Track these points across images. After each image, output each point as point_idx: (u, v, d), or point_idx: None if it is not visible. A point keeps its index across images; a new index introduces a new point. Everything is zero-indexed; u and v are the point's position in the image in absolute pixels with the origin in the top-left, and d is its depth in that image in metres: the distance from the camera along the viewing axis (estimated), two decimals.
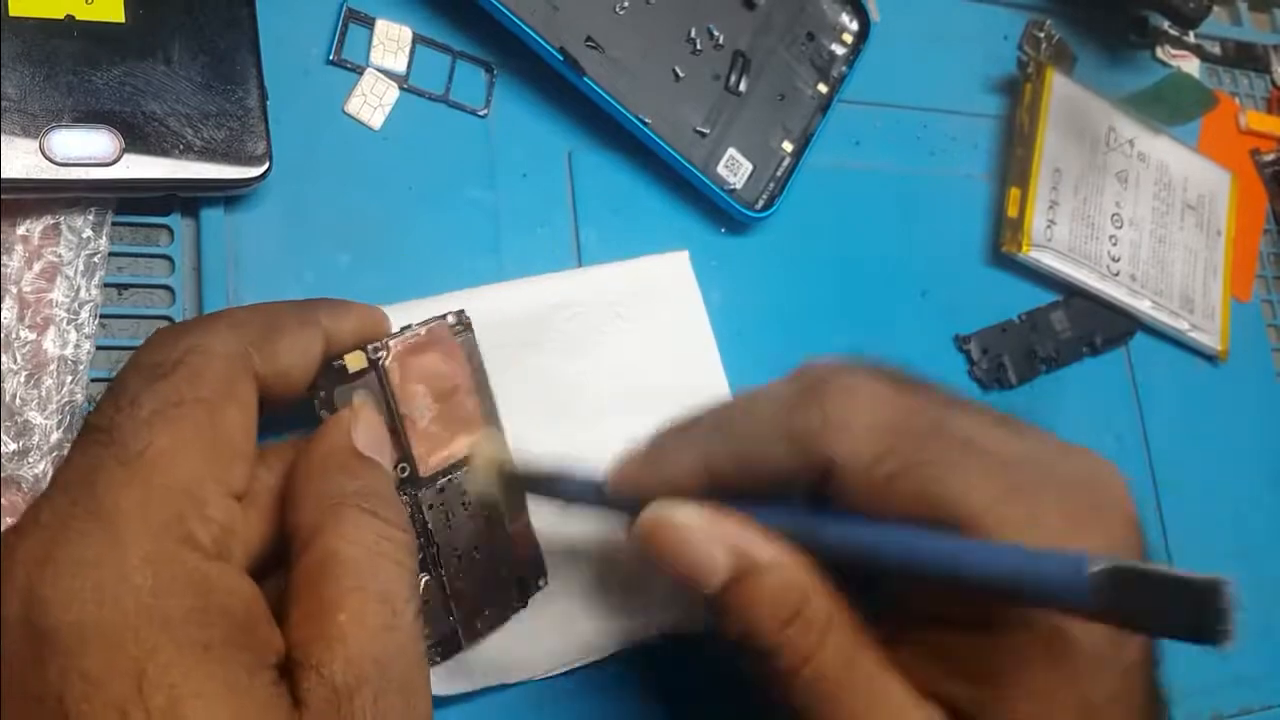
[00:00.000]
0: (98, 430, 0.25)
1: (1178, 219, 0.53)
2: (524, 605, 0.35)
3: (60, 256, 0.33)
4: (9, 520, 0.31)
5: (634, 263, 0.40)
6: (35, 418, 0.32)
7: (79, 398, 0.33)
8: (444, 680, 0.33)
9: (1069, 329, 0.49)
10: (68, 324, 0.33)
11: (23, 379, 0.32)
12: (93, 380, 0.33)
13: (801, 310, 0.44)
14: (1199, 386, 0.53)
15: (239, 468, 0.26)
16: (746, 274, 0.43)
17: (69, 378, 0.33)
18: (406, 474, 0.32)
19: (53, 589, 0.23)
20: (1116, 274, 0.50)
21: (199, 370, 0.26)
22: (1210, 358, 0.53)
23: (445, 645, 0.33)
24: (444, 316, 0.33)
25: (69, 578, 0.23)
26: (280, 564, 0.27)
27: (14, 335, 0.32)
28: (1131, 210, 0.52)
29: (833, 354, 0.43)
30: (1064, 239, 0.49)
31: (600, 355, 0.38)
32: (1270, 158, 0.59)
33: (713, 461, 0.29)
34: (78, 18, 0.33)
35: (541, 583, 0.36)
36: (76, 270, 0.33)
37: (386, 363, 0.31)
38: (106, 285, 0.34)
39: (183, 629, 0.23)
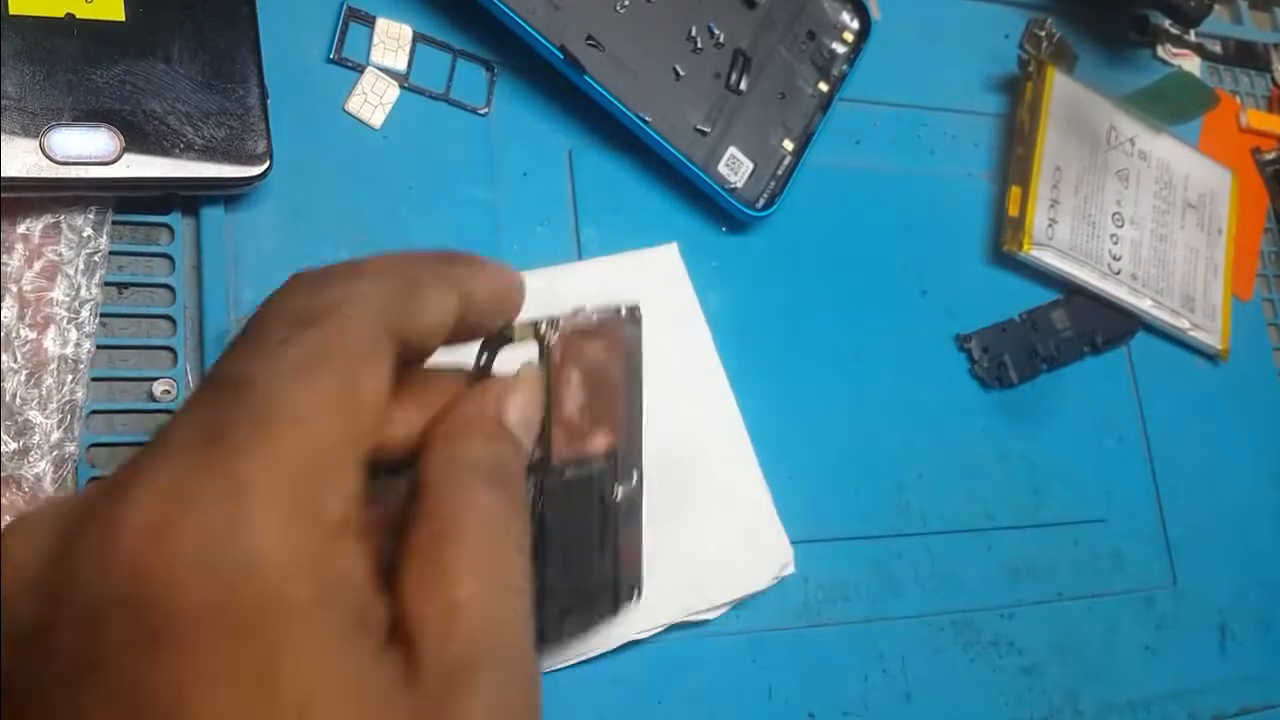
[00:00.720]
0: (232, 380, 0.21)
1: (1179, 218, 0.53)
2: (614, 615, 0.34)
3: (60, 255, 0.33)
4: (8, 521, 0.31)
5: (625, 256, 0.41)
6: (35, 417, 0.32)
7: (79, 397, 0.33)
8: None
9: (1070, 328, 0.49)
10: (68, 323, 0.33)
11: (23, 378, 0.32)
12: (93, 380, 0.33)
13: (801, 309, 0.44)
14: (1200, 386, 0.53)
15: (372, 434, 0.23)
16: (747, 273, 0.43)
17: (69, 376, 0.33)
18: (538, 458, 0.31)
19: (169, 566, 0.19)
20: (1117, 273, 0.50)
21: (346, 324, 0.23)
22: (1211, 357, 0.53)
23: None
24: (619, 308, 0.32)
25: (191, 553, 0.19)
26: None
27: (14, 334, 0.32)
28: (1132, 209, 0.52)
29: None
30: (1065, 238, 0.49)
31: None
32: (1271, 156, 0.59)
33: None
34: (78, 16, 0.33)
35: (636, 596, 0.35)
36: (77, 269, 0.33)
37: (553, 341, 0.31)
38: (107, 284, 0.34)
39: (314, 617, 0.20)
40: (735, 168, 0.43)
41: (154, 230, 0.36)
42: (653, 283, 0.41)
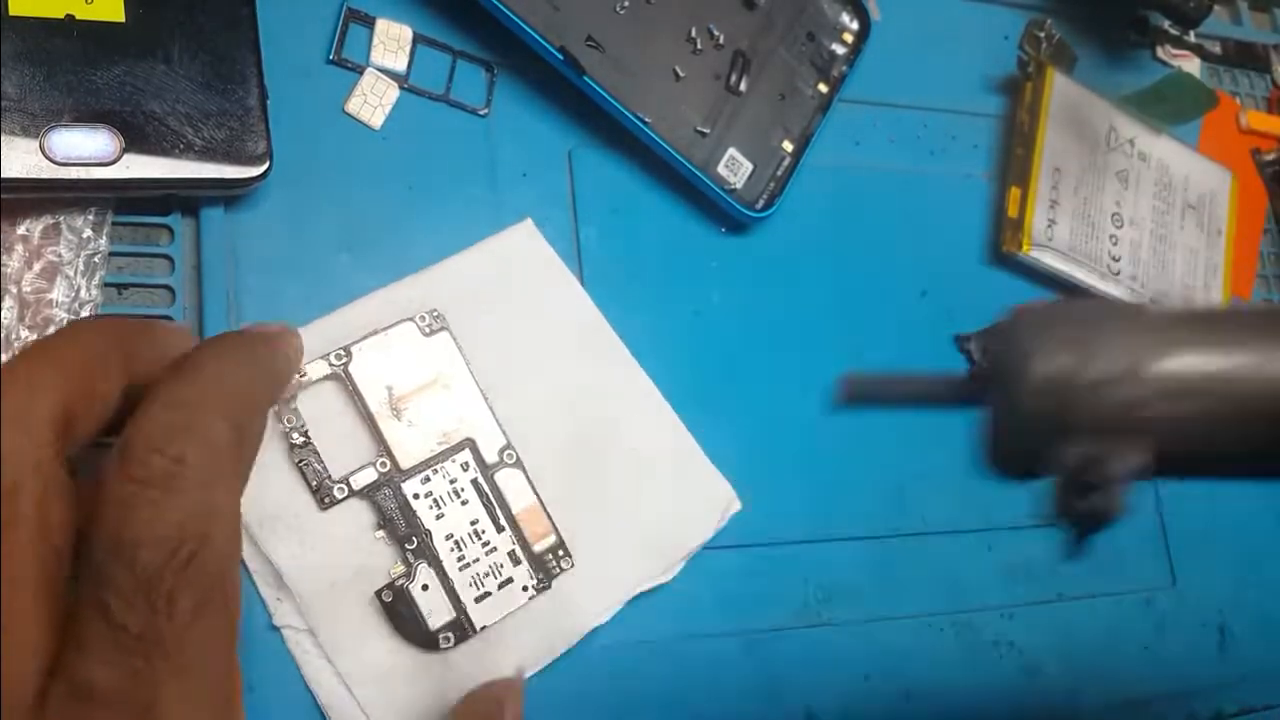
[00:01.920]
0: (138, 638, 0.22)
1: (1178, 218, 0.53)
2: (548, 586, 0.36)
3: (60, 256, 0.33)
4: None
5: (482, 245, 0.39)
6: None
7: None
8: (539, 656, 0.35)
9: None
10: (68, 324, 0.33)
11: None
12: None
13: (801, 310, 0.44)
14: None
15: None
16: (746, 273, 0.43)
17: None
18: (388, 468, 0.35)
19: None
20: (1117, 273, 0.50)
21: (221, 536, 0.23)
22: None
23: (456, 630, 0.34)
24: (413, 318, 0.36)
25: None
26: None
27: (14, 335, 0.32)
28: (1132, 210, 0.52)
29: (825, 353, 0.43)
30: (1064, 238, 0.49)
31: (487, 339, 0.38)
32: (1271, 157, 0.59)
33: None
34: (78, 17, 0.33)
35: (566, 563, 0.37)
36: (76, 270, 0.33)
37: (349, 366, 0.34)
38: (106, 285, 0.34)
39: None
40: (735, 168, 0.43)
41: (154, 231, 0.36)
42: (519, 263, 0.39)
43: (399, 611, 0.34)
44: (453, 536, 0.35)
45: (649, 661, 0.38)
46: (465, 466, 0.36)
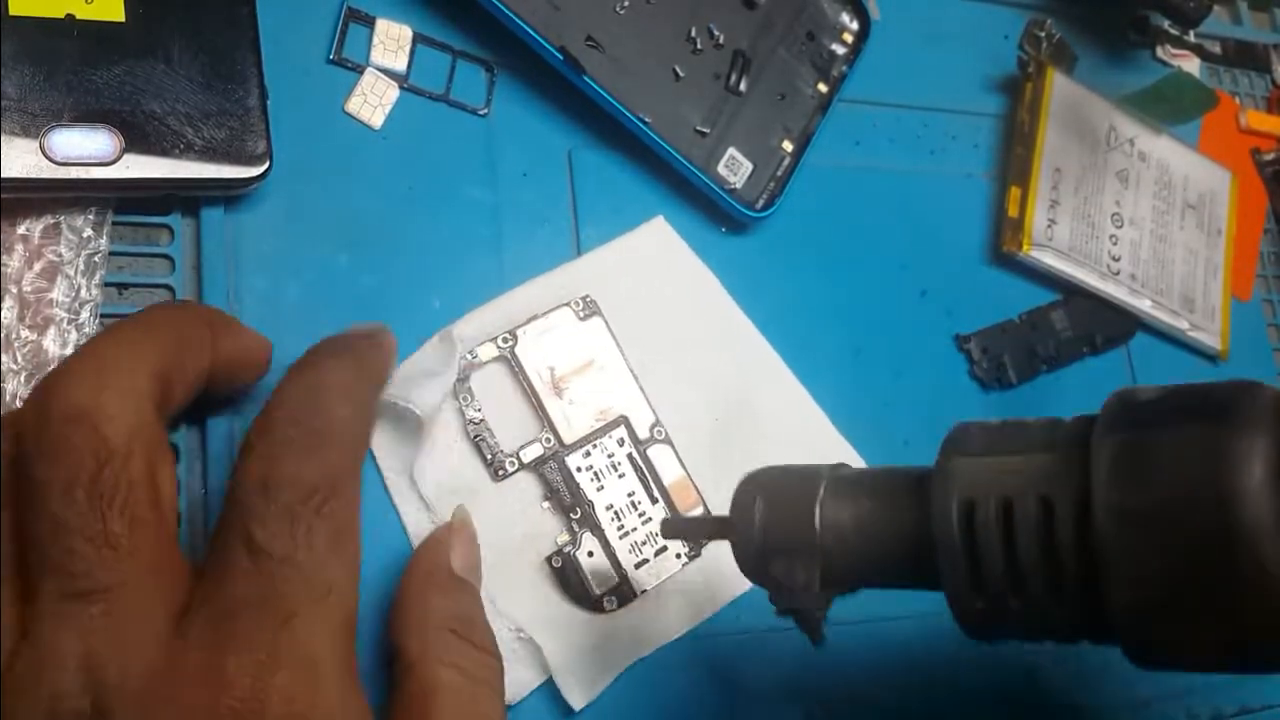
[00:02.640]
0: (281, 561, 0.26)
1: (1178, 218, 0.53)
2: (698, 554, 0.39)
3: (60, 256, 0.33)
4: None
5: (617, 241, 0.41)
6: None
7: None
8: (590, 684, 0.36)
9: (1069, 328, 0.49)
10: (68, 324, 0.33)
11: (23, 379, 0.32)
12: None
13: (801, 310, 0.44)
14: None
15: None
16: (746, 274, 0.43)
17: None
18: (552, 443, 0.37)
19: None
20: (1117, 273, 0.50)
21: (348, 493, 0.28)
22: (1211, 357, 0.53)
23: (618, 594, 0.37)
24: (569, 303, 0.39)
25: None
26: None
27: (14, 335, 0.32)
28: (1132, 210, 0.52)
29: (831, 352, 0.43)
30: (1064, 238, 0.49)
31: (634, 324, 0.40)
32: (1271, 157, 0.59)
33: None
34: (78, 17, 0.33)
35: (722, 528, 0.37)
36: (77, 270, 0.33)
37: (515, 349, 0.37)
38: (107, 284, 0.34)
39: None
40: (735, 168, 0.43)
41: (154, 231, 0.36)
42: (656, 254, 0.42)
43: (567, 577, 0.37)
44: (612, 507, 0.38)
45: (648, 660, 0.38)
46: (621, 442, 0.38)
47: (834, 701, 0.40)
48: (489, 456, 0.37)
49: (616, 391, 0.39)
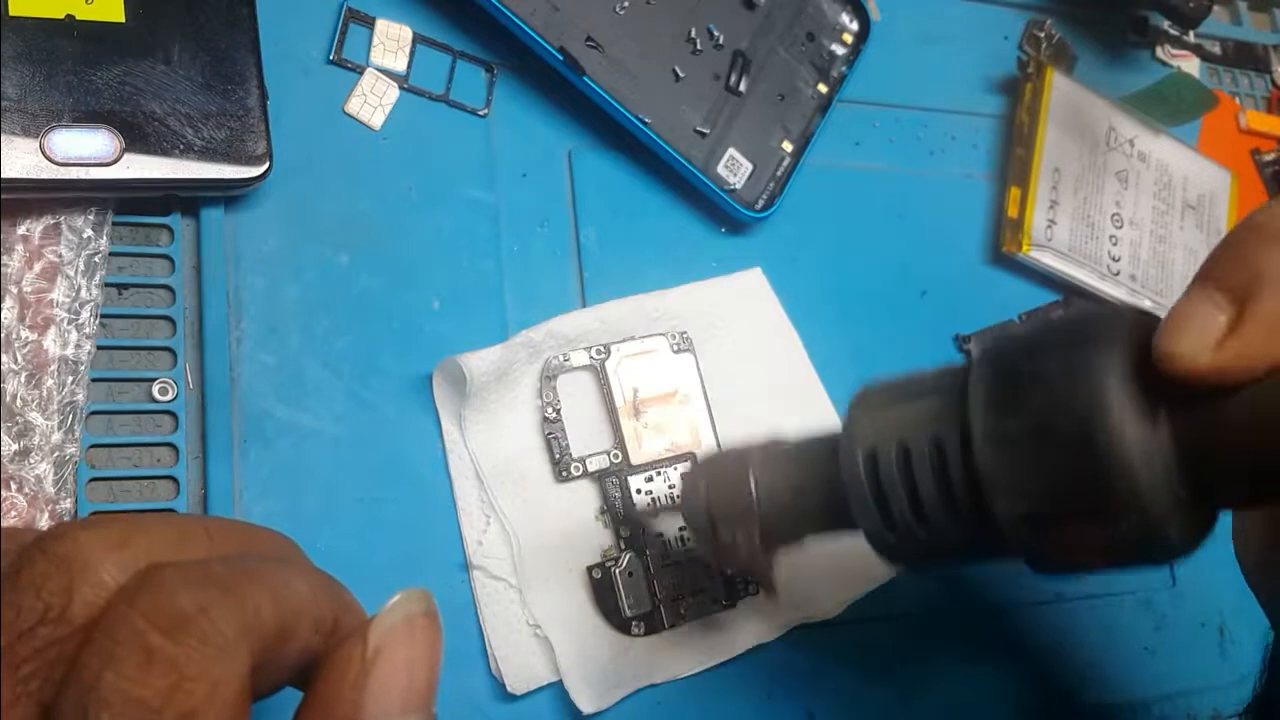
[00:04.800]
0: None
1: (1178, 219, 0.53)
2: (732, 606, 0.39)
3: (60, 256, 0.33)
4: (9, 522, 0.31)
5: (713, 281, 0.42)
6: (36, 418, 0.32)
7: (80, 398, 0.33)
8: (599, 695, 0.36)
9: None
10: (68, 324, 0.33)
11: (23, 379, 0.32)
12: (93, 380, 0.33)
13: (801, 310, 0.44)
14: None
15: None
16: None
17: (70, 378, 0.33)
18: (619, 460, 0.38)
19: None
20: (1117, 274, 0.50)
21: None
22: None
23: (648, 621, 0.37)
24: (666, 334, 0.40)
25: None
26: None
27: (14, 335, 0.32)
28: (1132, 210, 0.52)
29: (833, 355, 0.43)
30: (1064, 239, 0.49)
31: (720, 368, 0.41)
32: (1270, 157, 0.59)
33: None
34: (78, 17, 0.33)
35: (753, 589, 0.39)
36: (77, 270, 0.33)
37: (606, 362, 0.39)
38: (107, 285, 0.34)
39: None
40: (734, 169, 0.43)
41: (154, 231, 0.36)
42: (750, 306, 0.42)
43: (604, 591, 0.37)
44: (662, 536, 0.38)
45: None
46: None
47: (834, 702, 0.40)
48: (557, 456, 0.37)
49: (691, 427, 0.40)
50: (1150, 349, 0.24)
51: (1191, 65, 0.58)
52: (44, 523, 0.31)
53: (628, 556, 0.37)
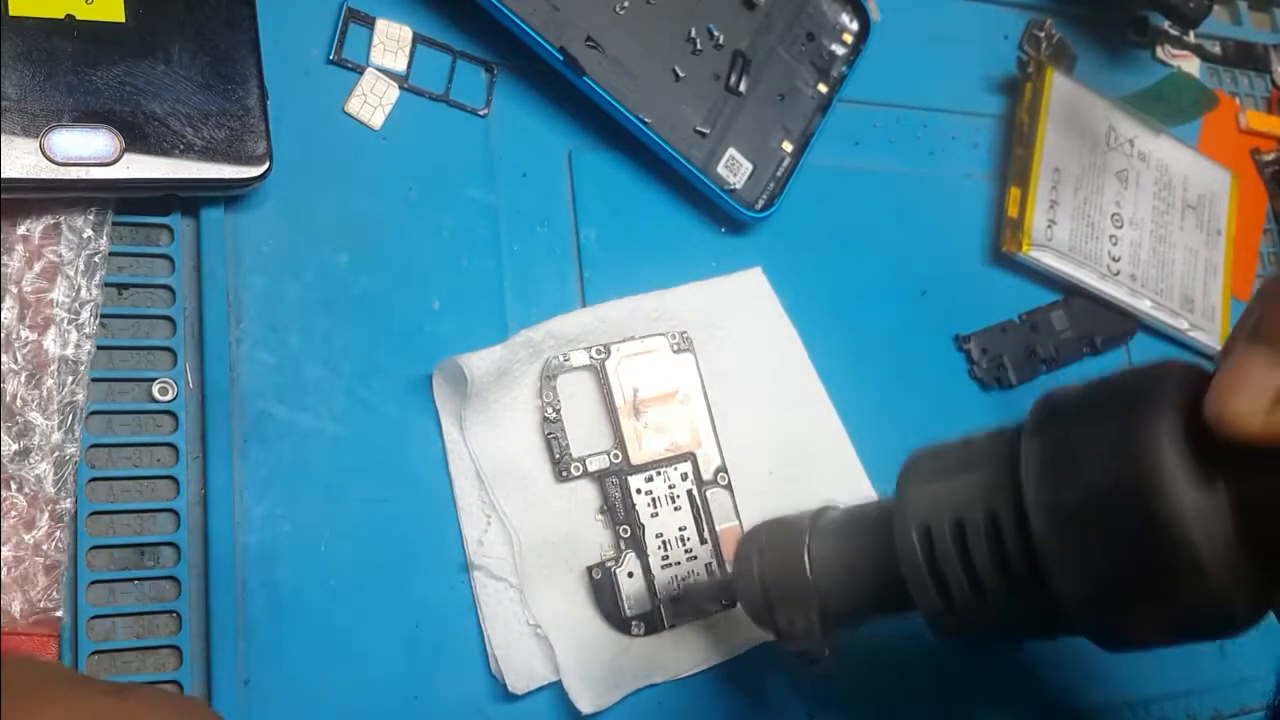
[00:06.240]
0: None
1: (1178, 218, 0.53)
2: (732, 605, 0.38)
3: (61, 256, 0.33)
4: (9, 522, 0.31)
5: (712, 281, 0.42)
6: (36, 418, 0.32)
7: (80, 398, 0.33)
8: (598, 694, 0.36)
9: (1069, 329, 0.49)
10: (68, 324, 0.33)
11: (23, 379, 0.32)
12: (93, 380, 0.33)
13: (801, 310, 0.44)
14: None
15: None
16: None
17: (70, 378, 0.33)
18: (619, 460, 0.38)
19: None
20: (1117, 274, 0.50)
21: None
22: (1210, 357, 0.53)
23: (647, 621, 0.37)
24: (666, 334, 0.40)
25: None
26: None
27: (14, 335, 0.32)
28: (1132, 210, 0.52)
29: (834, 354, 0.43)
30: (1064, 239, 0.49)
31: (720, 369, 0.41)
32: (1270, 157, 0.59)
33: None
34: (78, 17, 0.33)
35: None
36: (77, 270, 0.33)
37: (606, 362, 0.39)
38: (107, 285, 0.34)
39: None
40: (734, 169, 0.43)
41: (154, 231, 0.36)
42: (750, 306, 0.42)
43: (603, 591, 0.37)
44: (661, 536, 0.38)
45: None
46: (684, 476, 0.39)
47: (834, 702, 0.40)
48: (557, 455, 0.38)
49: (691, 428, 0.40)
50: (1201, 407, 0.23)
51: (1191, 65, 0.58)
52: (44, 522, 0.31)
53: (628, 556, 0.37)
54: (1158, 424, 0.23)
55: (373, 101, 0.39)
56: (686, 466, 0.39)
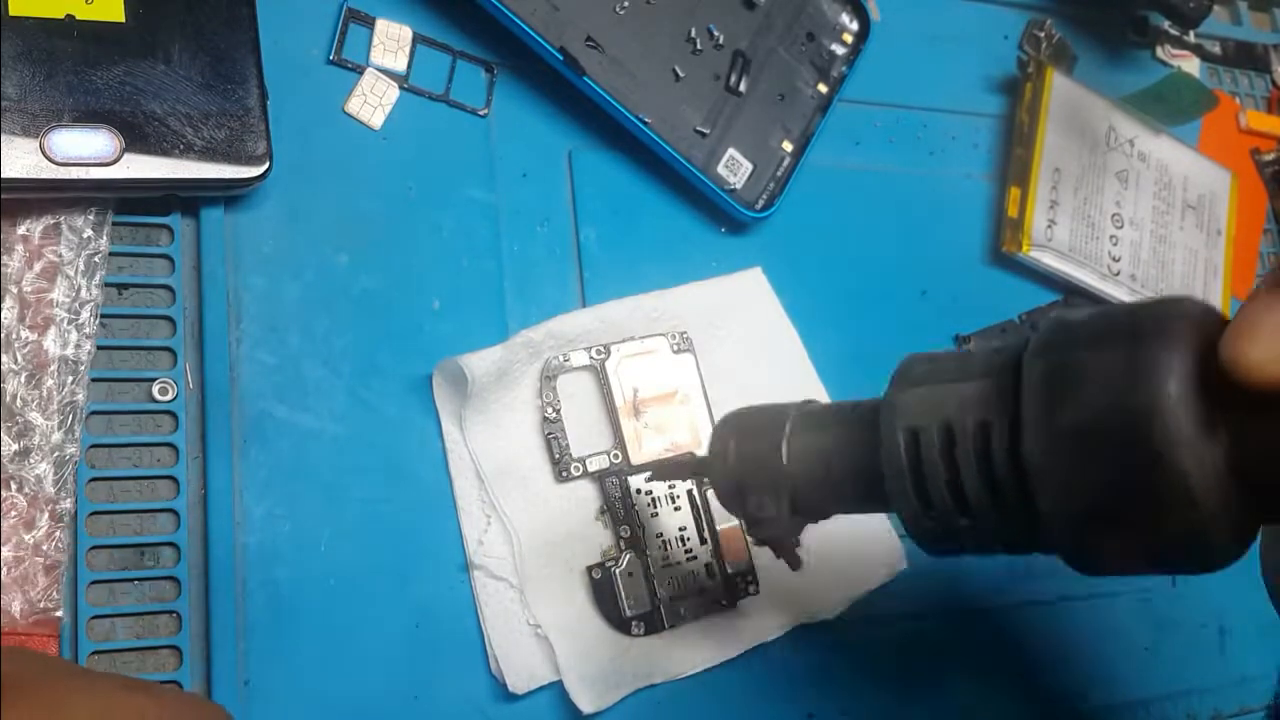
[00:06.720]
0: None
1: (1178, 219, 0.53)
2: (732, 606, 0.39)
3: (61, 256, 0.33)
4: (9, 522, 0.31)
5: (712, 281, 0.42)
6: (36, 418, 0.32)
7: (80, 398, 0.33)
8: (598, 694, 0.36)
9: None
10: (68, 324, 0.33)
11: (23, 379, 0.32)
12: (93, 380, 0.33)
13: (801, 310, 0.44)
14: None
15: None
16: None
17: (70, 378, 0.33)
18: (619, 460, 0.38)
19: None
20: (1117, 274, 0.50)
21: None
22: None
23: (648, 621, 0.37)
24: (666, 334, 0.40)
25: None
26: None
27: (14, 335, 0.32)
28: (1132, 210, 0.52)
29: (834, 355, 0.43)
30: (1064, 239, 0.49)
31: (720, 368, 0.41)
32: (1270, 157, 0.59)
33: None
34: (78, 17, 0.33)
35: (753, 589, 0.39)
36: (77, 270, 0.33)
37: (606, 362, 0.39)
38: (107, 285, 0.34)
39: None
40: (734, 169, 0.43)
41: (154, 231, 0.36)
42: (750, 305, 0.42)
43: (603, 591, 0.37)
44: (661, 536, 0.38)
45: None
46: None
47: (834, 702, 0.40)
48: (557, 455, 0.38)
49: (691, 428, 0.40)
50: (1213, 350, 0.23)
51: (1191, 65, 0.58)
52: (44, 522, 0.31)
53: (628, 556, 0.37)
54: (1169, 357, 0.23)
55: (373, 101, 0.39)
56: (688, 457, 0.39)
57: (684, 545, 0.38)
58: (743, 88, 0.43)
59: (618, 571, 0.37)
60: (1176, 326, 0.24)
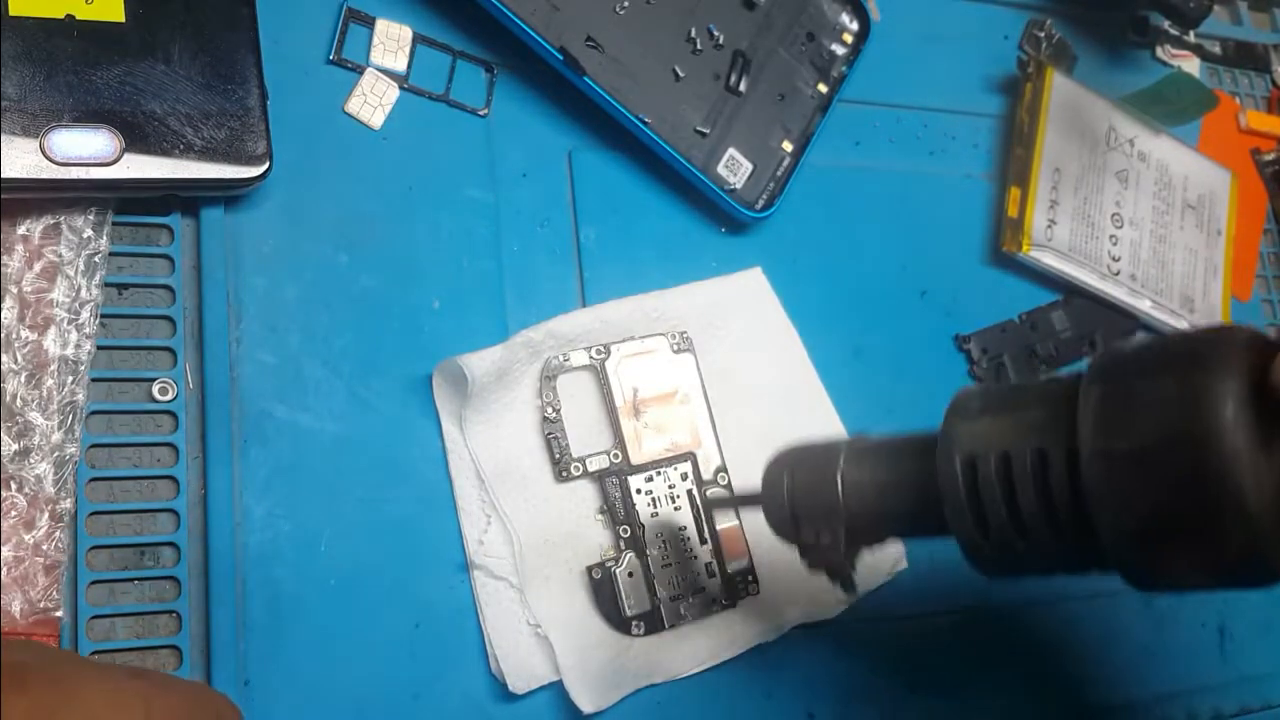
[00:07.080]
0: None
1: (1178, 218, 0.53)
2: (732, 605, 0.39)
3: (61, 256, 0.33)
4: (9, 522, 0.31)
5: (712, 281, 0.42)
6: (36, 418, 0.32)
7: (80, 398, 0.33)
8: (599, 694, 0.36)
9: (1069, 328, 0.49)
10: (68, 324, 0.33)
11: (23, 379, 0.32)
12: (93, 380, 0.33)
13: (801, 310, 0.44)
14: None
15: None
16: None
17: (70, 378, 0.33)
18: (619, 459, 0.38)
19: None
20: (1117, 273, 0.50)
21: None
22: None
23: (648, 620, 0.37)
24: (666, 335, 0.40)
25: None
26: None
27: (14, 335, 0.32)
28: (1132, 210, 0.52)
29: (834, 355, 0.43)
30: (1064, 238, 0.49)
31: (720, 368, 0.41)
32: (1270, 157, 0.59)
33: None
34: (78, 17, 0.33)
35: (753, 589, 0.39)
36: (77, 270, 0.33)
37: (606, 362, 0.39)
38: (107, 285, 0.34)
39: None
40: (734, 169, 0.43)
41: (154, 231, 0.36)
42: (750, 306, 0.42)
43: (603, 591, 0.37)
44: (661, 536, 0.38)
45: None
46: (684, 476, 0.39)
47: (834, 702, 0.40)
48: (557, 455, 0.38)
49: (691, 428, 0.40)
50: (1265, 375, 0.24)
51: (1191, 65, 0.58)
52: (44, 522, 0.31)
53: (628, 556, 0.37)
54: (1223, 383, 0.24)
55: (373, 101, 0.39)
56: (686, 466, 0.39)
57: (684, 545, 0.38)
58: (743, 88, 0.43)
59: (618, 571, 0.37)
60: (1230, 353, 0.25)
